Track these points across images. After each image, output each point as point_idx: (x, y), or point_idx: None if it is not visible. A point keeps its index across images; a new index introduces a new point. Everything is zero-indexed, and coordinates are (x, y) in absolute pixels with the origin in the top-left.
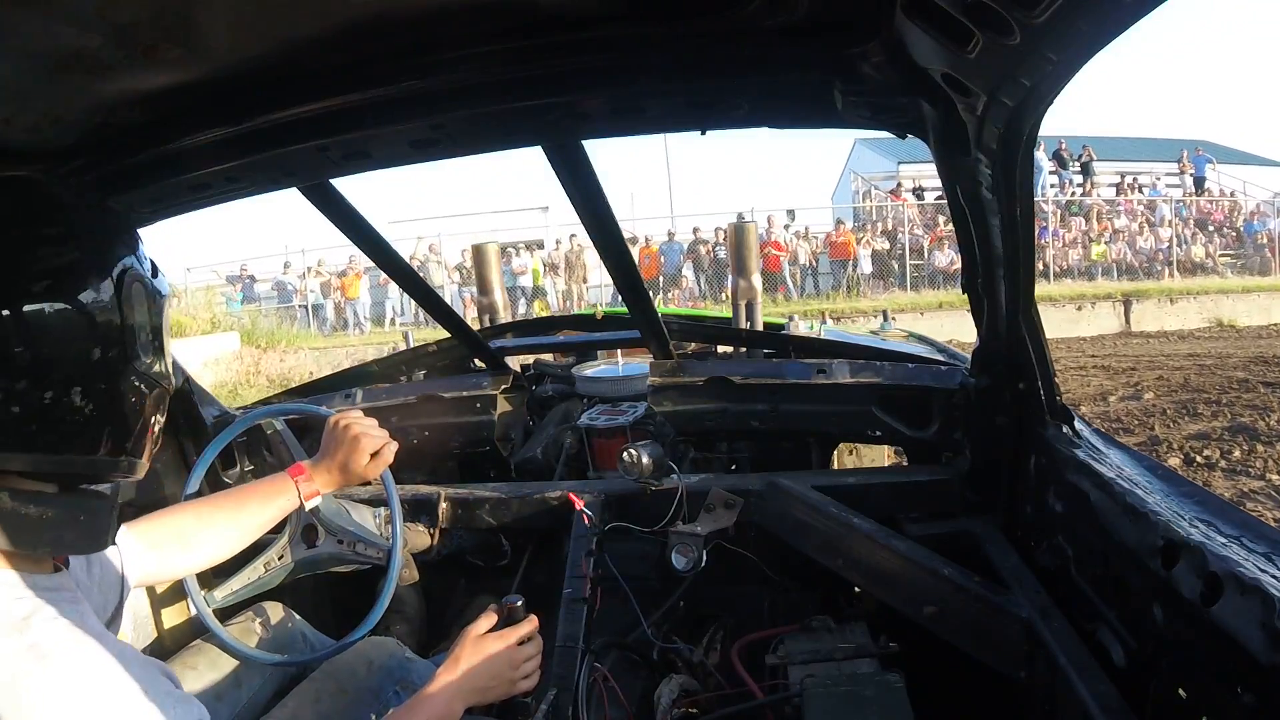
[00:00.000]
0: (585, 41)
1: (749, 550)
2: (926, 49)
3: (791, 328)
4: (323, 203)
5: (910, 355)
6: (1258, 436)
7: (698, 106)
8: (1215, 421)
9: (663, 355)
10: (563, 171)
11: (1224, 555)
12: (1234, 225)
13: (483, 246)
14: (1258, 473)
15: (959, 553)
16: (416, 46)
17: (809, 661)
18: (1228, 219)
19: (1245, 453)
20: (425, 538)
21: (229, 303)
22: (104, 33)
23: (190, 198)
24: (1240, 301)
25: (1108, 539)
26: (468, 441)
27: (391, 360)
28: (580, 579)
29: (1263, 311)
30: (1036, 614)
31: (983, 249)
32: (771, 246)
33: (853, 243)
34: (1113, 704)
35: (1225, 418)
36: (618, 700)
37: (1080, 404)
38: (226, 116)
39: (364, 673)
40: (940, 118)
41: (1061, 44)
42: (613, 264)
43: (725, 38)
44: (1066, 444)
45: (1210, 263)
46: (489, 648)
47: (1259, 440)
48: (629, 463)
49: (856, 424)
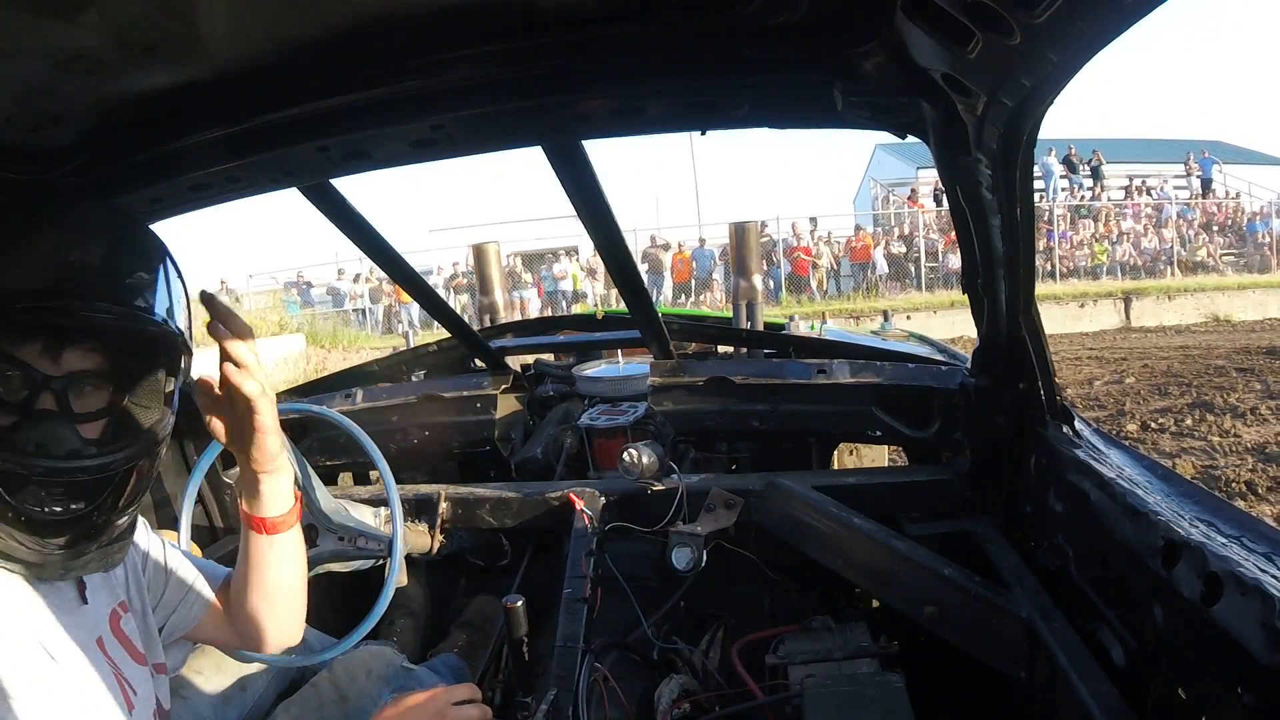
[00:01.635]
0: (585, 41)
1: (749, 550)
2: (926, 49)
3: (792, 328)
4: (323, 203)
5: (910, 355)
6: (1211, 409)
7: (698, 106)
8: (1181, 399)
9: (663, 355)
10: (563, 171)
11: (1224, 555)
12: (1237, 225)
13: (483, 246)
14: (1201, 435)
15: (959, 553)
16: (416, 46)
17: (809, 661)
18: (1231, 219)
19: (1195, 421)
20: (425, 538)
21: (289, 306)
22: (104, 33)
23: (190, 198)
24: (1236, 298)
25: (1108, 539)
26: (468, 441)
27: (392, 360)
28: (580, 579)
29: (1258, 307)
30: (1036, 614)
31: (983, 249)
32: (800, 252)
33: (871, 246)
34: (1113, 704)
35: (1191, 396)
36: (618, 700)
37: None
38: (226, 116)
39: (364, 680)
40: (940, 118)
41: (1061, 44)
42: (613, 264)
43: (725, 38)
44: (1066, 444)
45: (1212, 261)
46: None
47: (1211, 412)
48: (629, 463)
49: (857, 424)
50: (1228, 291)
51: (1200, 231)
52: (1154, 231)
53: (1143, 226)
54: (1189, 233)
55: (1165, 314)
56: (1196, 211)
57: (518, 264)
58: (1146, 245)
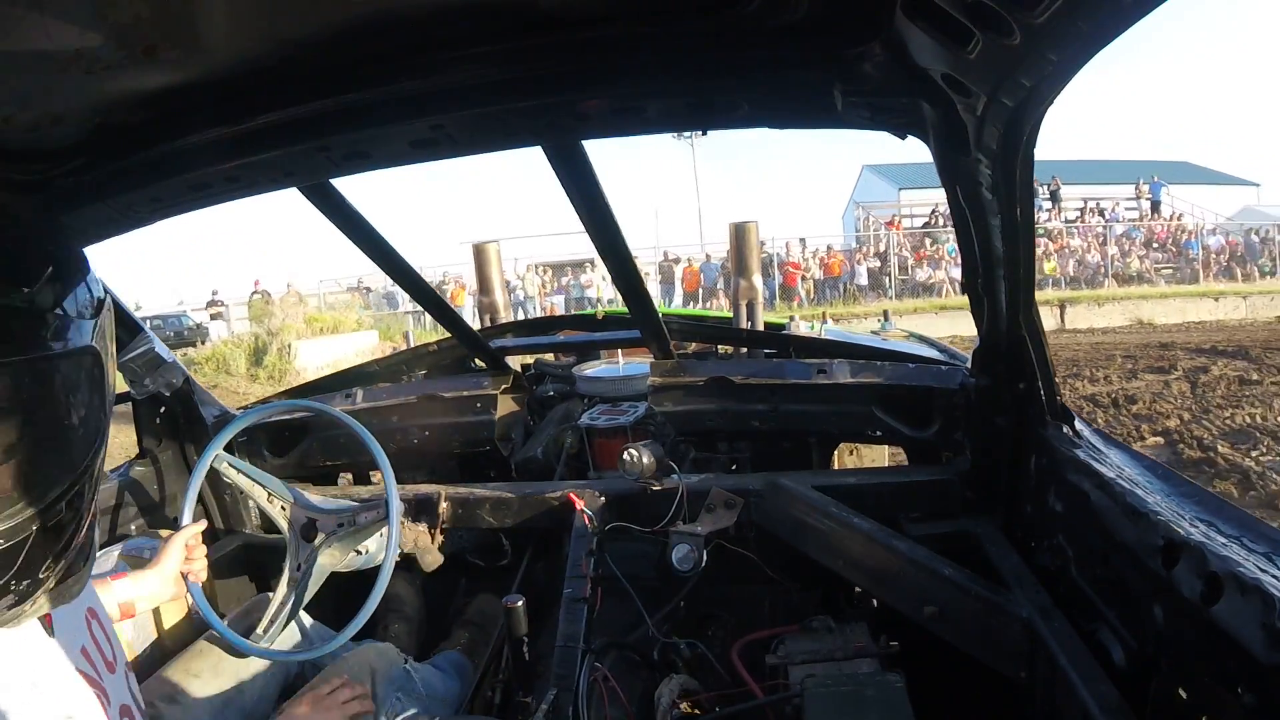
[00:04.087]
0: (585, 41)
1: (749, 550)
2: (926, 49)
3: (792, 328)
4: (323, 203)
5: (911, 355)
6: (1079, 378)
7: (698, 106)
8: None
9: (663, 355)
10: (563, 172)
11: (1224, 555)
12: (1177, 242)
13: (483, 246)
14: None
15: (959, 553)
16: (416, 46)
17: (809, 661)
18: (1171, 237)
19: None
20: (425, 537)
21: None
22: (104, 33)
23: (190, 198)
24: (1159, 305)
25: (1108, 539)
26: (468, 441)
27: (392, 360)
28: (581, 579)
29: (1179, 312)
30: (1036, 614)
31: (983, 249)
32: (790, 265)
33: (840, 263)
34: (1113, 704)
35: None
36: (618, 700)
37: None
38: (226, 116)
39: (367, 679)
40: (940, 118)
41: (1061, 44)
42: (613, 264)
43: (725, 38)
44: (1067, 444)
45: (1148, 275)
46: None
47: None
48: (629, 463)
49: (857, 424)
50: (1151, 300)
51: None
52: (1098, 248)
53: (1088, 244)
54: (1130, 249)
55: (1095, 318)
56: (1141, 231)
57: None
58: (1089, 259)
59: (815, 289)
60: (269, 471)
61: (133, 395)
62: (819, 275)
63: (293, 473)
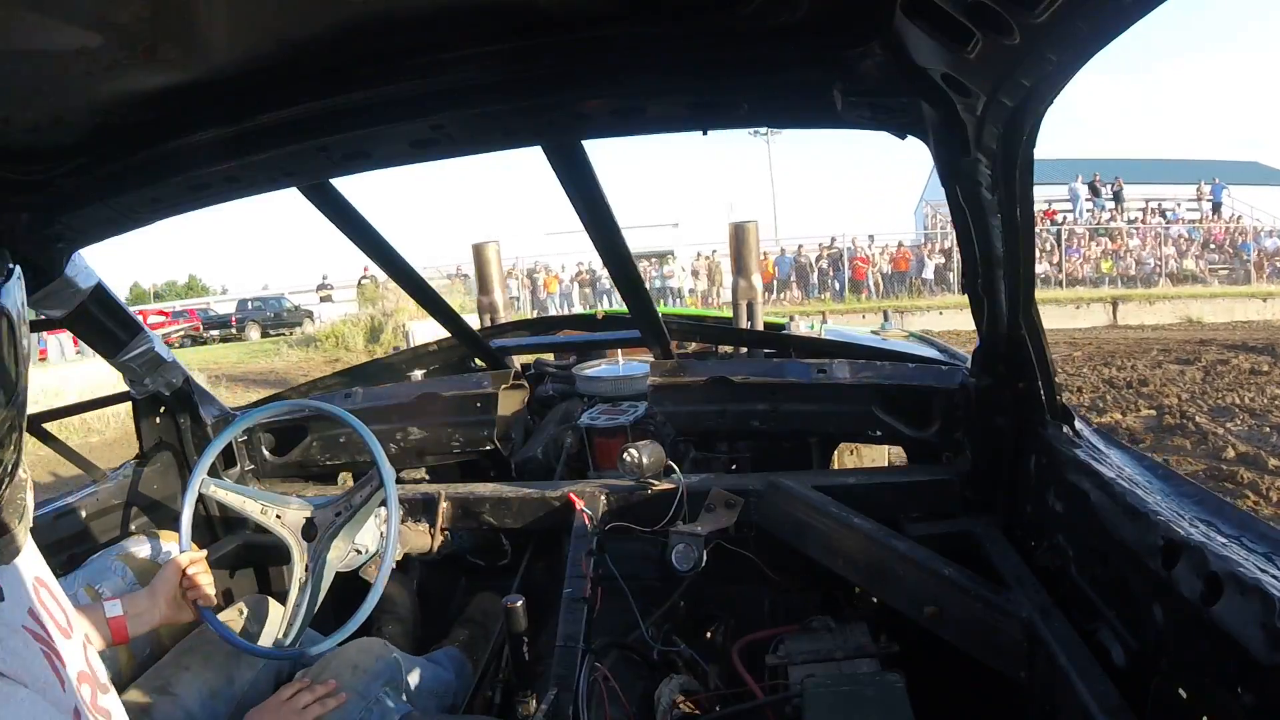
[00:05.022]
0: (585, 41)
1: (749, 550)
2: (926, 49)
3: (792, 327)
4: (323, 203)
5: (911, 355)
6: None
7: (698, 106)
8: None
9: (663, 355)
10: (562, 171)
11: (1224, 555)
12: (1234, 244)
13: (482, 246)
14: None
15: (959, 553)
16: (416, 46)
17: (809, 661)
18: (1229, 238)
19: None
20: (425, 537)
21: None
22: (104, 33)
23: (190, 198)
24: (1208, 304)
25: (1108, 539)
26: (468, 441)
27: (392, 360)
28: (580, 579)
29: (1227, 312)
30: (1036, 614)
31: (983, 249)
32: (859, 260)
33: (907, 258)
34: (1113, 704)
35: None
36: (618, 700)
37: None
38: (226, 116)
39: (349, 675)
40: (940, 118)
41: (1061, 44)
42: (613, 263)
43: (725, 38)
44: (1067, 444)
45: (1203, 275)
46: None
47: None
48: (629, 462)
49: (857, 424)
50: (1201, 299)
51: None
52: (1156, 248)
53: (1144, 243)
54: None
55: (1146, 316)
56: (1200, 232)
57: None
58: (1144, 258)
59: (883, 283)
60: (269, 472)
61: (133, 395)
62: (886, 269)
63: (293, 472)
